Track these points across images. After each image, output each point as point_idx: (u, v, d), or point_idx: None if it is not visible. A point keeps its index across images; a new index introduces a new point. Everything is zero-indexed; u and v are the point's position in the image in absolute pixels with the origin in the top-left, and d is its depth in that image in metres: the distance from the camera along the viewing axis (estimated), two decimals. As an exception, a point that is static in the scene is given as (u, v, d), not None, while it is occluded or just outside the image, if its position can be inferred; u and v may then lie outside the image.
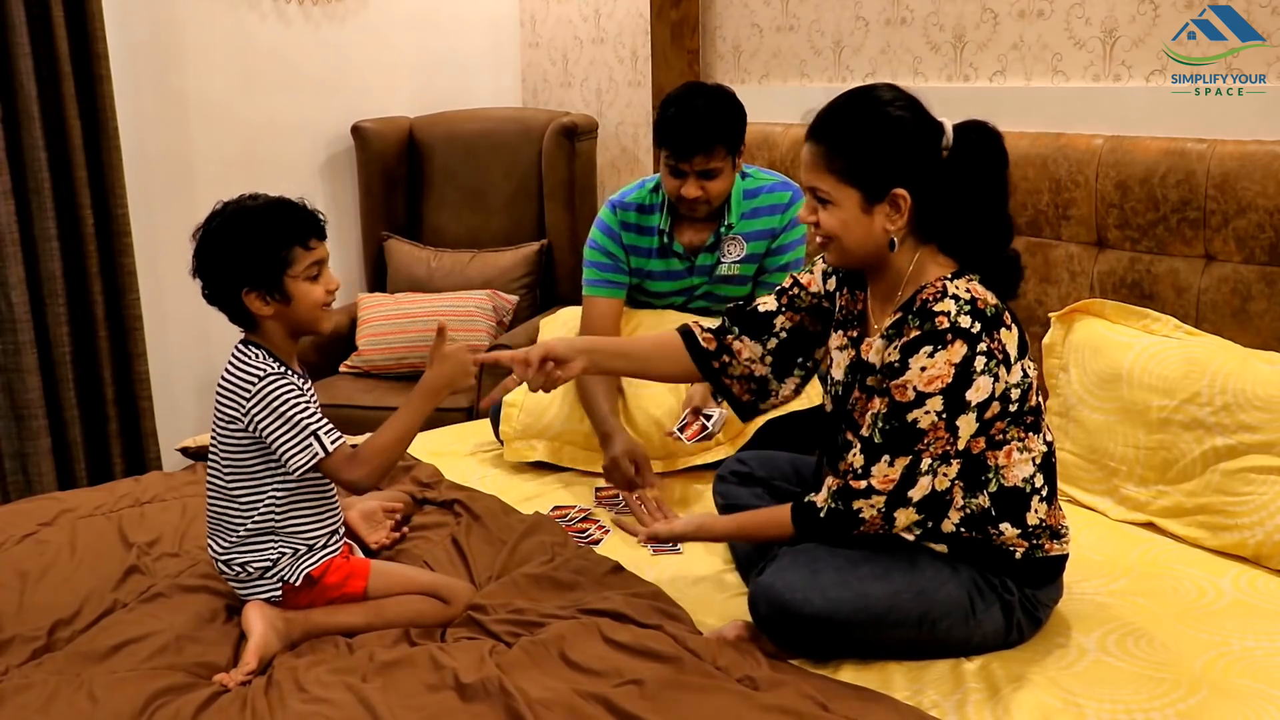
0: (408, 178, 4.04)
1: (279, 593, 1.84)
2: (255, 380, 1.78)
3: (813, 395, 2.52)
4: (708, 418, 2.27)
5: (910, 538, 1.75)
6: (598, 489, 2.48)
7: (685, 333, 2.02)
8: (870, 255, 1.77)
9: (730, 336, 2.00)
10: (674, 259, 2.69)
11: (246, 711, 1.58)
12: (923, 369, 1.65)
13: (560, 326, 2.85)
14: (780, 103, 3.33)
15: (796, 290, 1.99)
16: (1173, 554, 2.09)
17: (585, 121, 3.86)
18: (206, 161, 3.69)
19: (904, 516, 1.70)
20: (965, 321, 1.65)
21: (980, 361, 1.65)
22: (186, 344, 3.72)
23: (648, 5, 3.62)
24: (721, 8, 3.56)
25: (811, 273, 1.99)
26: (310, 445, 1.77)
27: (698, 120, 2.47)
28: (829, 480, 1.75)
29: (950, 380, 1.64)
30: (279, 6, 3.81)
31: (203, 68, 3.67)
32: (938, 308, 1.66)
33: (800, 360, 2.01)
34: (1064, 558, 1.81)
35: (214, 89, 3.70)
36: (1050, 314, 2.45)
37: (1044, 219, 2.58)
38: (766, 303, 2.00)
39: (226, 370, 1.82)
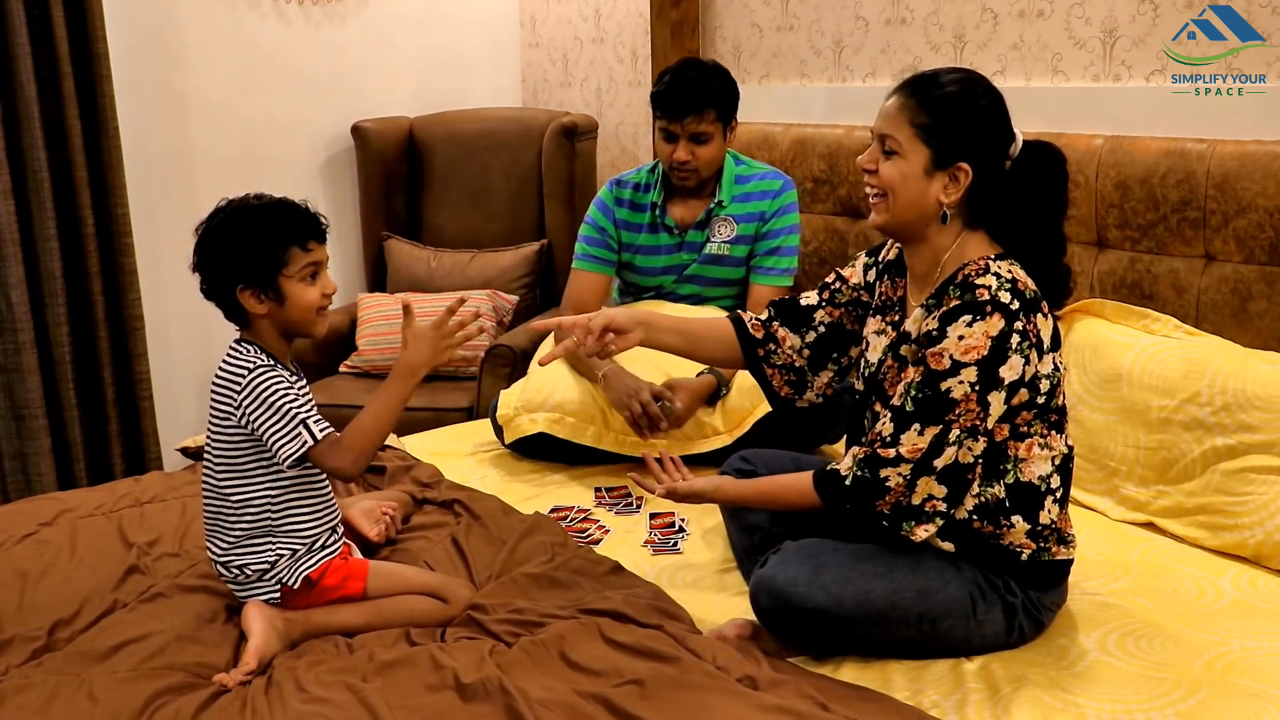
0: (408, 178, 4.03)
1: (277, 594, 1.84)
2: (245, 373, 1.79)
3: None
4: (680, 533, 2.29)
5: (925, 533, 1.74)
6: (597, 489, 2.48)
7: (735, 319, 2.07)
8: (915, 221, 1.78)
9: (775, 324, 2.04)
10: (664, 234, 2.79)
11: (246, 711, 1.58)
12: (960, 338, 1.66)
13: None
14: (780, 103, 3.33)
15: (838, 285, 2.02)
16: (1173, 554, 2.09)
17: (585, 121, 3.86)
18: (206, 161, 3.69)
19: (925, 485, 1.70)
20: (1005, 297, 1.67)
21: (1015, 339, 1.66)
22: (187, 344, 3.72)
23: (648, 5, 3.62)
24: (721, 8, 3.56)
25: (854, 266, 2.02)
26: (299, 434, 1.77)
27: (690, 84, 2.62)
28: (854, 450, 1.76)
29: (986, 353, 1.65)
30: (279, 6, 3.81)
31: (203, 68, 3.67)
32: (979, 281, 1.69)
33: (835, 356, 2.03)
34: (1069, 562, 1.82)
35: (214, 89, 3.70)
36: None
37: (1044, 219, 2.58)
38: (809, 296, 2.05)
39: (219, 368, 1.83)
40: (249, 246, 1.79)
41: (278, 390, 1.78)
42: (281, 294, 1.81)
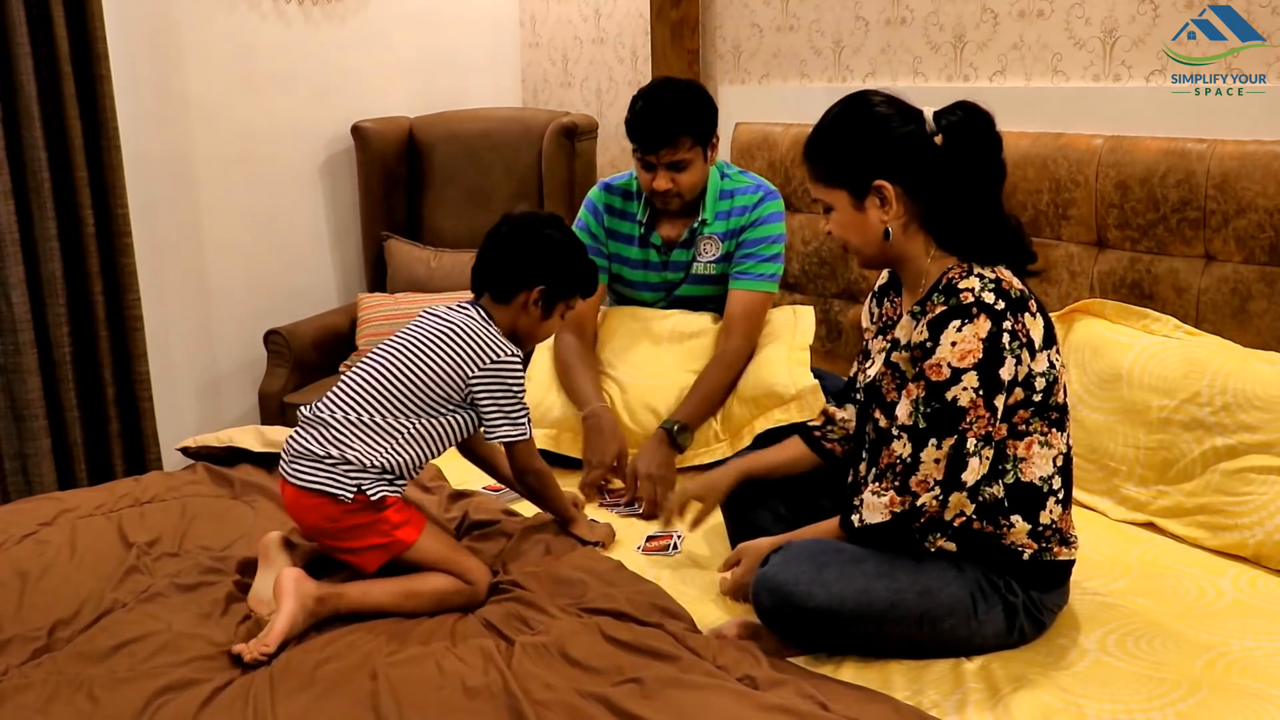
0: (408, 178, 4.04)
1: (350, 494, 1.86)
2: (501, 353, 1.97)
3: (815, 408, 2.51)
4: (677, 537, 2.28)
5: (943, 543, 1.75)
6: (599, 487, 2.48)
7: (801, 430, 2.12)
8: (880, 251, 1.82)
9: (831, 407, 2.10)
10: (652, 250, 2.75)
11: (249, 709, 1.59)
12: (953, 344, 1.67)
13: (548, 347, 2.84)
14: (780, 103, 3.33)
15: (864, 344, 2.04)
16: (1173, 554, 2.09)
17: (585, 121, 3.86)
18: (206, 161, 3.69)
19: (956, 501, 1.71)
20: (989, 298, 1.68)
21: (1006, 339, 1.67)
22: (187, 344, 3.72)
23: (648, 5, 3.62)
24: (721, 8, 3.56)
25: (864, 313, 2.05)
26: (523, 426, 2.00)
27: (663, 114, 2.54)
28: (883, 498, 1.73)
29: (981, 356, 1.66)
30: (279, 6, 3.81)
31: (203, 68, 3.67)
32: (963, 285, 1.70)
33: None
34: (1070, 563, 1.82)
35: (214, 89, 3.70)
36: (1050, 314, 2.45)
37: (1044, 219, 2.58)
38: (854, 366, 2.08)
39: (462, 324, 1.98)
40: (573, 271, 2.06)
41: (520, 383, 2.00)
42: (550, 312, 2.06)
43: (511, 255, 2.04)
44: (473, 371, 1.96)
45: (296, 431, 1.95)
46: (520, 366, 2.00)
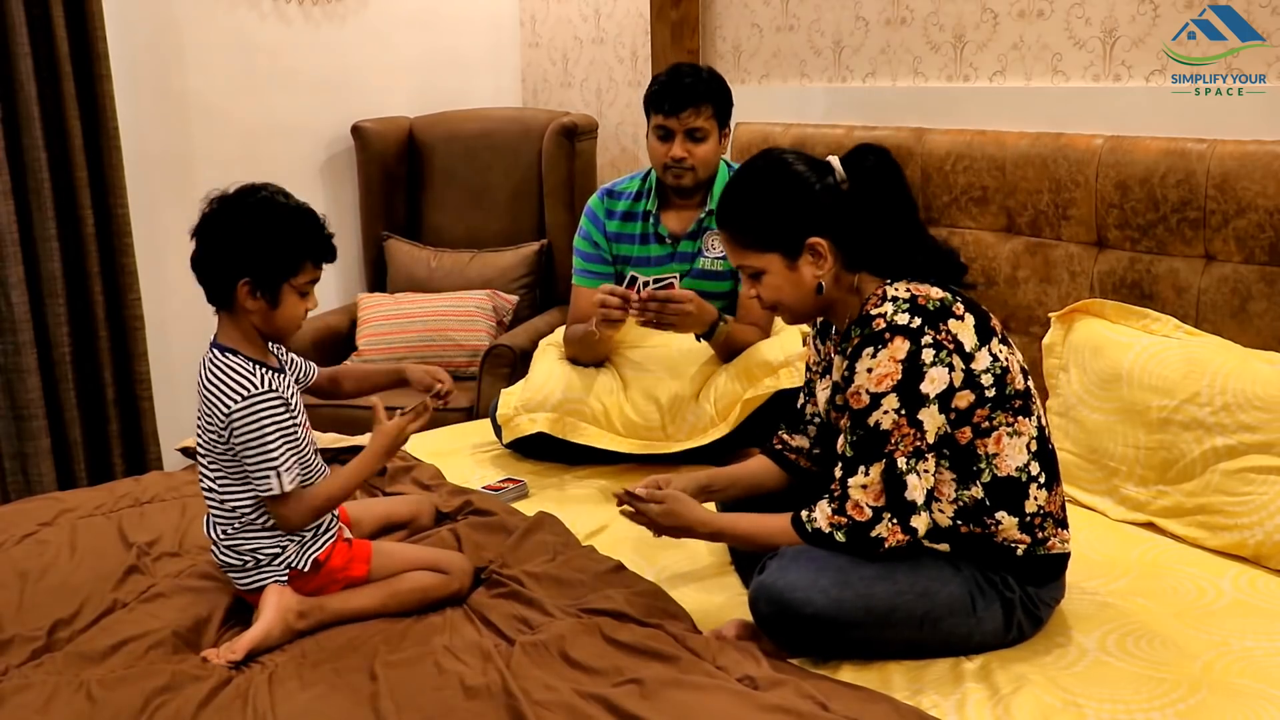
0: (408, 178, 4.04)
1: (285, 579, 1.84)
2: (243, 394, 1.77)
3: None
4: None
5: (944, 546, 1.75)
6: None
7: (764, 449, 2.10)
8: (816, 305, 1.85)
9: (782, 431, 2.08)
10: (654, 244, 2.77)
11: (248, 708, 1.59)
12: (870, 370, 1.70)
13: (555, 345, 2.84)
14: (780, 103, 3.33)
15: (808, 374, 2.05)
16: (1173, 554, 2.09)
17: (585, 121, 3.86)
18: (206, 161, 3.69)
19: (921, 523, 1.71)
20: (903, 319, 1.70)
21: (929, 354, 1.68)
22: (187, 344, 3.70)
23: (648, 5, 3.62)
24: (721, 8, 3.56)
25: (806, 346, 2.06)
26: (269, 479, 1.77)
27: (686, 80, 2.62)
28: (828, 512, 1.74)
29: (900, 376, 1.68)
30: (279, 6, 3.81)
31: (203, 68, 3.67)
32: (875, 311, 1.72)
33: None
34: (1066, 556, 1.82)
35: (214, 89, 3.70)
36: (1050, 314, 2.45)
37: (1044, 219, 2.58)
38: (800, 398, 2.08)
39: (210, 374, 1.81)
40: (270, 245, 1.77)
41: (267, 427, 1.77)
42: (278, 299, 1.80)
43: (203, 256, 1.78)
44: (226, 428, 1.77)
45: (213, 550, 1.89)
46: (267, 402, 1.76)
